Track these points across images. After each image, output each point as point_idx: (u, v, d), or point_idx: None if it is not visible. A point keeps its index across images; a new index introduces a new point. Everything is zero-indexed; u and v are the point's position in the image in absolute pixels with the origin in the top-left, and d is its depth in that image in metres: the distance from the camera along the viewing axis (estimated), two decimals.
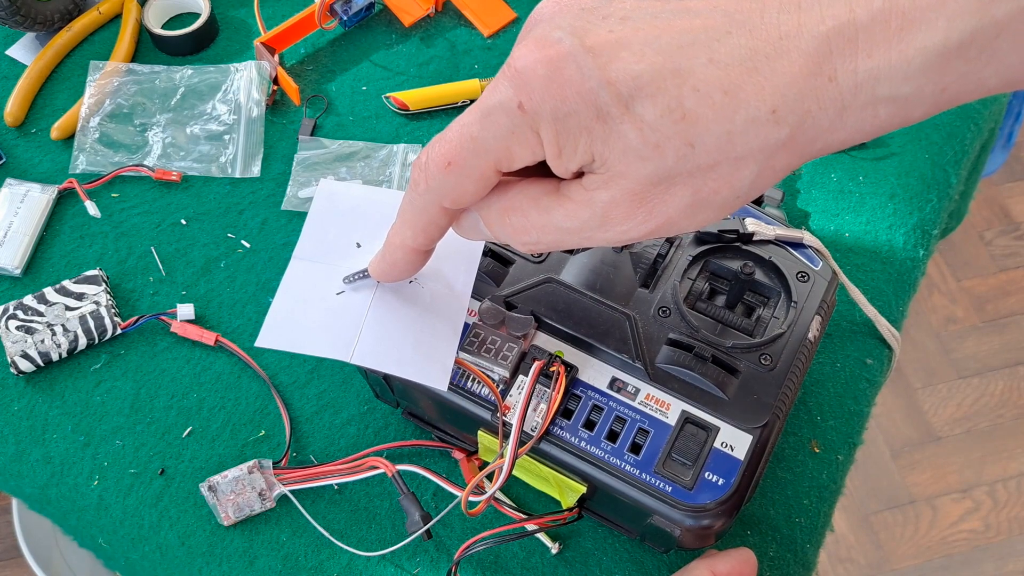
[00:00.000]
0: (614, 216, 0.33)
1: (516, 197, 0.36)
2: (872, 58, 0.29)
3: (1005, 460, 1.45)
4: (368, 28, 0.74)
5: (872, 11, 0.29)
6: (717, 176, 0.32)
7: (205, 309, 0.61)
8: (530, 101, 0.32)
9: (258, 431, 0.57)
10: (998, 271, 1.61)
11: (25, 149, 0.67)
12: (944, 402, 1.49)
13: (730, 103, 0.30)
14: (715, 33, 0.31)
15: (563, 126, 0.32)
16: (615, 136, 0.31)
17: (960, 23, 0.28)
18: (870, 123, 0.31)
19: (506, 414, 0.46)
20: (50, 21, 0.71)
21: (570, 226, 0.35)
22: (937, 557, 1.37)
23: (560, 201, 0.35)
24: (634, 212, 0.33)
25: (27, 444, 0.57)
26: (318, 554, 0.53)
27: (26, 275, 0.62)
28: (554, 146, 0.32)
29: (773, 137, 0.31)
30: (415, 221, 0.38)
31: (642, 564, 0.53)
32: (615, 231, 0.34)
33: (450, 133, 0.35)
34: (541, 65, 0.31)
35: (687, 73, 0.30)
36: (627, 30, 0.31)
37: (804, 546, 0.54)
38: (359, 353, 0.45)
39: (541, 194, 0.35)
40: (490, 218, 0.37)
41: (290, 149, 0.67)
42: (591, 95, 0.31)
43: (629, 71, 0.31)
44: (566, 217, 0.35)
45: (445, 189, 0.36)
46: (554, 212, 0.35)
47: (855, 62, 0.30)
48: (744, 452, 0.45)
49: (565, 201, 0.34)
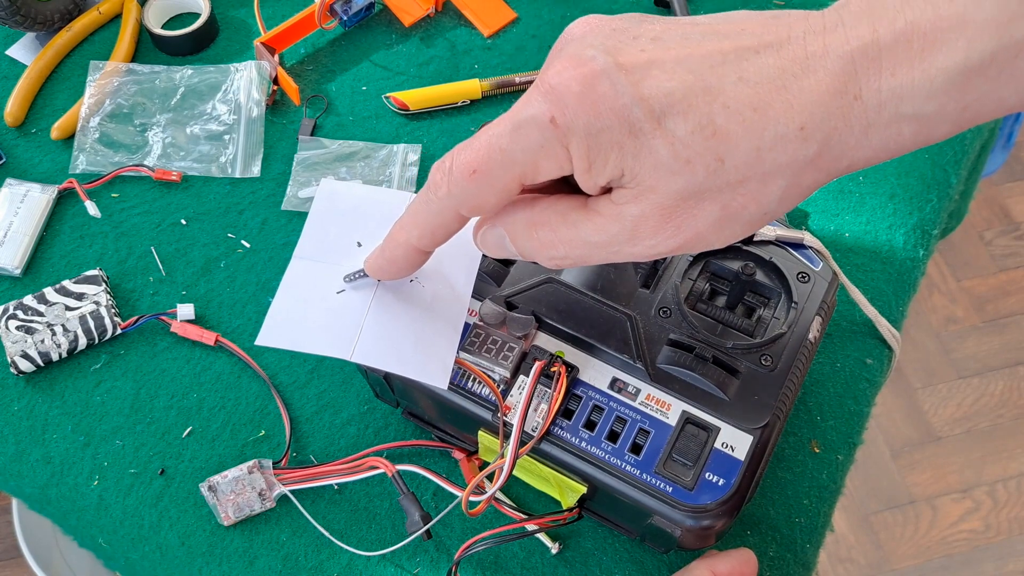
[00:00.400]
0: (643, 230, 0.34)
1: (544, 212, 0.36)
2: (896, 77, 0.30)
3: (1005, 460, 1.45)
4: (368, 28, 0.74)
5: (895, 32, 0.30)
6: (746, 192, 0.32)
7: (205, 309, 0.61)
8: (563, 116, 0.32)
9: (258, 431, 0.57)
10: (998, 271, 1.61)
11: (25, 149, 0.67)
12: (944, 402, 1.49)
13: (759, 120, 0.31)
14: (744, 53, 0.32)
15: (595, 141, 0.32)
16: (646, 151, 0.32)
17: (980, 44, 0.29)
18: (894, 141, 0.32)
19: (507, 414, 0.46)
20: (50, 21, 0.71)
21: (599, 240, 0.35)
22: (937, 557, 1.37)
23: (588, 215, 0.35)
24: (663, 226, 0.33)
25: (27, 444, 0.57)
26: (318, 554, 0.53)
27: (26, 275, 0.62)
28: (584, 160, 0.33)
29: (801, 154, 0.32)
30: (426, 222, 0.39)
31: (642, 564, 0.53)
32: (643, 245, 0.34)
33: (478, 142, 0.35)
34: (575, 82, 0.32)
35: (717, 91, 0.31)
36: (658, 50, 0.32)
37: (804, 546, 0.54)
38: (359, 351, 0.45)
39: (569, 209, 0.36)
40: (516, 233, 0.37)
41: (290, 149, 0.67)
42: (624, 111, 0.31)
43: (661, 88, 0.31)
44: (595, 231, 0.35)
45: (466, 196, 0.36)
46: (582, 226, 0.35)
47: (879, 81, 0.30)
48: (744, 452, 0.45)
49: (593, 215, 0.35)
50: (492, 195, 0.36)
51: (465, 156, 0.35)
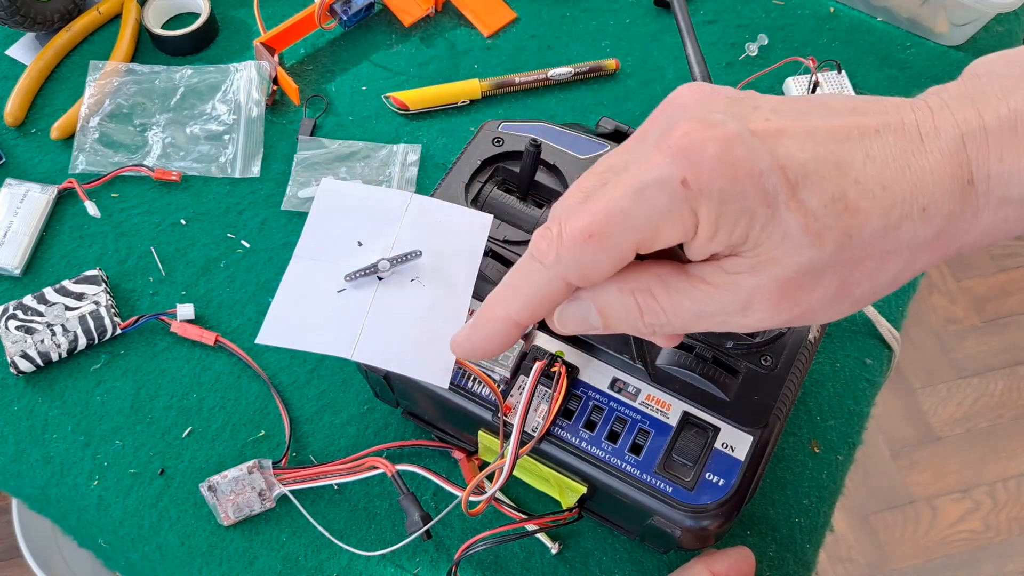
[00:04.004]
0: (758, 303, 0.32)
1: (641, 278, 0.34)
2: (1003, 163, 0.30)
3: (1005, 460, 1.45)
4: (368, 28, 0.74)
5: (999, 117, 0.30)
6: (864, 269, 0.32)
7: (205, 309, 0.61)
8: (697, 179, 0.30)
9: (258, 431, 0.57)
10: (998, 271, 1.61)
11: (25, 149, 0.67)
12: (944, 402, 1.49)
13: (888, 198, 0.31)
14: (867, 131, 0.31)
15: (728, 207, 0.31)
16: (776, 222, 0.31)
17: None
18: (1000, 227, 0.32)
19: (507, 414, 0.46)
20: (50, 21, 0.71)
21: (706, 310, 0.33)
22: (937, 557, 1.37)
23: (694, 283, 0.33)
24: (780, 301, 0.32)
25: (27, 444, 0.57)
26: (318, 554, 0.53)
27: (26, 275, 0.62)
28: (711, 227, 0.31)
29: (922, 234, 0.31)
30: (531, 294, 0.35)
31: (642, 564, 0.53)
32: (754, 318, 0.33)
33: (594, 206, 0.32)
34: (710, 143, 0.30)
35: (848, 166, 0.31)
36: (783, 121, 0.31)
37: (804, 546, 0.54)
38: (360, 350, 0.45)
39: (669, 275, 0.34)
40: (609, 303, 0.35)
41: (290, 149, 0.67)
42: (761, 177, 0.30)
43: (795, 158, 0.31)
44: (704, 300, 0.33)
45: (578, 263, 0.33)
46: (688, 294, 0.33)
47: (988, 166, 0.31)
48: (744, 453, 0.45)
49: (700, 283, 0.33)
50: (607, 263, 0.33)
51: (579, 221, 0.32)
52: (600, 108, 0.70)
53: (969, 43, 0.75)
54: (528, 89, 0.71)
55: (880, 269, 0.32)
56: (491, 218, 0.50)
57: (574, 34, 0.74)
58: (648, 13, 0.75)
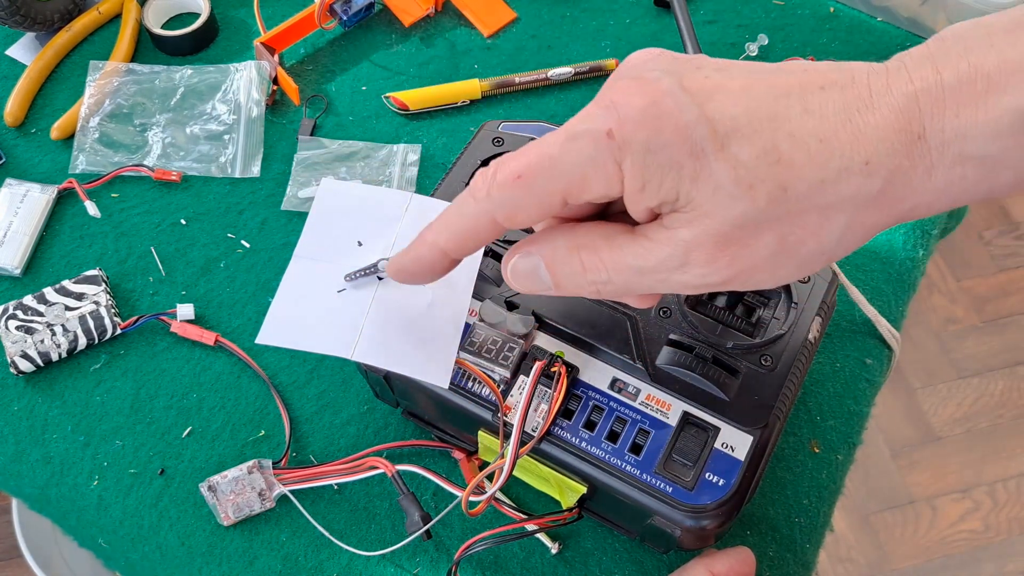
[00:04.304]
0: (695, 258, 0.33)
1: (587, 235, 0.35)
2: (959, 118, 0.30)
3: (1005, 460, 1.45)
4: (368, 28, 0.74)
5: (958, 73, 0.30)
6: (805, 225, 0.32)
7: (205, 309, 0.61)
8: (622, 130, 0.31)
9: (258, 431, 0.57)
10: (998, 271, 1.61)
11: (25, 149, 0.67)
12: (944, 402, 1.49)
13: (824, 151, 0.31)
14: (809, 88, 0.32)
15: (653, 159, 0.31)
16: (706, 174, 0.31)
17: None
18: (957, 185, 0.31)
19: (507, 414, 0.46)
20: (50, 21, 0.71)
21: (646, 265, 0.34)
22: (937, 557, 1.37)
23: (636, 240, 0.34)
24: (717, 256, 0.32)
25: (27, 444, 0.57)
26: (318, 554, 0.53)
27: (26, 275, 0.62)
28: (638, 180, 0.32)
29: (865, 189, 0.31)
30: (459, 225, 0.37)
31: (642, 564, 0.53)
32: (694, 274, 0.33)
33: (527, 149, 0.34)
34: (638, 97, 0.31)
35: (783, 119, 0.31)
36: (723, 78, 0.32)
37: (804, 546, 0.54)
38: (360, 350, 0.45)
39: (614, 233, 0.35)
40: (555, 258, 0.36)
41: (290, 149, 0.67)
42: (687, 130, 0.31)
43: (726, 112, 0.31)
44: (643, 255, 0.34)
45: (505, 201, 0.34)
46: (629, 249, 0.34)
47: (943, 120, 0.30)
48: (745, 453, 0.45)
49: (642, 239, 0.34)
50: (532, 205, 0.34)
51: (512, 163, 0.34)
52: None
53: None
54: (528, 89, 0.71)
55: (822, 226, 0.32)
56: None
57: (574, 34, 0.74)
58: (648, 13, 0.75)
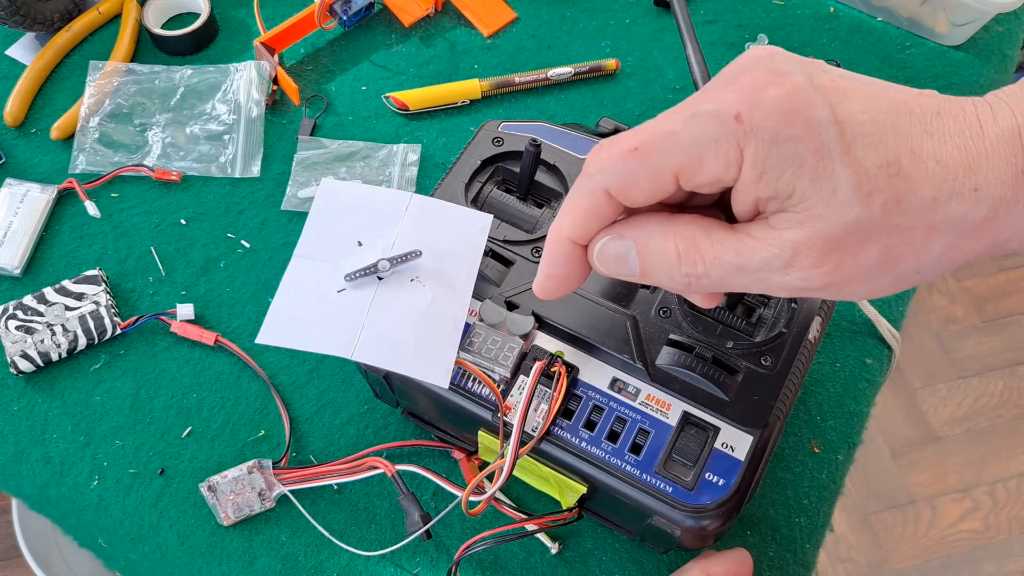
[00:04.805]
0: (802, 261, 0.32)
1: (685, 225, 0.34)
2: None
3: (1005, 460, 1.45)
4: (368, 28, 0.74)
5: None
6: (910, 241, 0.32)
7: (205, 309, 0.61)
8: (751, 115, 0.31)
9: (258, 431, 0.57)
10: (998, 271, 1.61)
11: (25, 149, 0.67)
12: (944, 402, 1.49)
13: (940, 172, 0.31)
14: (927, 109, 0.32)
15: (777, 150, 0.31)
16: (827, 175, 0.31)
17: None
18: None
19: (507, 414, 0.46)
20: (50, 21, 0.71)
21: (748, 264, 0.33)
22: (937, 557, 1.37)
23: (739, 236, 0.33)
24: (823, 260, 0.32)
25: (27, 444, 0.57)
26: (318, 554, 0.53)
27: (26, 275, 0.62)
28: (757, 168, 0.31)
29: (972, 215, 0.31)
30: (577, 206, 0.36)
31: (642, 564, 0.53)
32: (796, 276, 0.33)
33: (645, 125, 0.33)
34: (774, 87, 0.31)
35: (906, 135, 0.31)
36: (847, 84, 0.32)
37: (804, 546, 0.54)
38: (360, 350, 0.45)
39: (713, 227, 0.34)
40: (649, 244, 0.35)
41: (290, 149, 0.67)
42: (818, 127, 0.31)
43: (855, 117, 0.31)
44: (746, 253, 0.33)
45: (618, 173, 0.34)
46: (729, 245, 0.33)
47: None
48: (745, 453, 0.45)
49: (744, 237, 0.33)
50: (645, 179, 0.33)
51: (628, 137, 0.33)
52: (600, 108, 0.70)
53: (969, 43, 0.75)
54: (528, 89, 0.71)
55: (924, 246, 0.32)
56: (491, 218, 0.50)
57: (574, 34, 0.74)
58: (648, 13, 0.75)
